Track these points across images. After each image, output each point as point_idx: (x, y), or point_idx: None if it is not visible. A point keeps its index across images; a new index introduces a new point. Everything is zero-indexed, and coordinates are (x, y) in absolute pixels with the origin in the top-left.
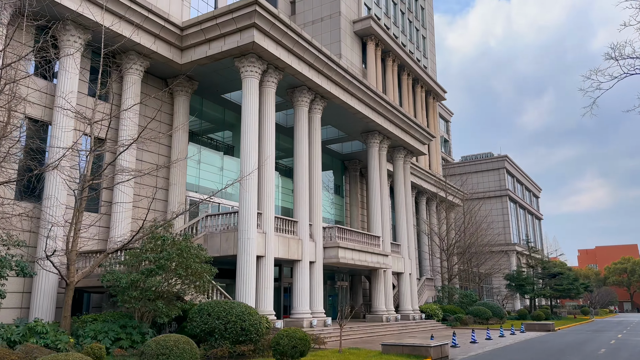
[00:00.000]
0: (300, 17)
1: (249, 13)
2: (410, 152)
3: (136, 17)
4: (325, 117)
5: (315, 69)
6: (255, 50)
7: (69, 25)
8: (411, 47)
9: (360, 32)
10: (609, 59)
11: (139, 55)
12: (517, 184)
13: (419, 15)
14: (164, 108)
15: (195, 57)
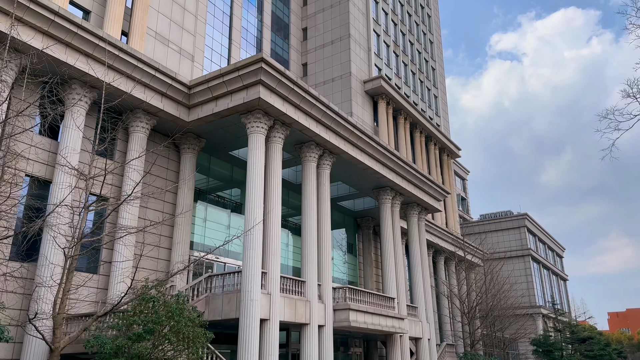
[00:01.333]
0: (312, 78)
1: (255, 70)
2: (424, 208)
3: (143, 75)
4: (334, 173)
5: (323, 124)
6: (261, 106)
7: (74, 83)
8: (423, 106)
9: (371, 91)
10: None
11: (146, 113)
12: (539, 243)
13: (430, 76)
14: (170, 165)
15: (202, 114)
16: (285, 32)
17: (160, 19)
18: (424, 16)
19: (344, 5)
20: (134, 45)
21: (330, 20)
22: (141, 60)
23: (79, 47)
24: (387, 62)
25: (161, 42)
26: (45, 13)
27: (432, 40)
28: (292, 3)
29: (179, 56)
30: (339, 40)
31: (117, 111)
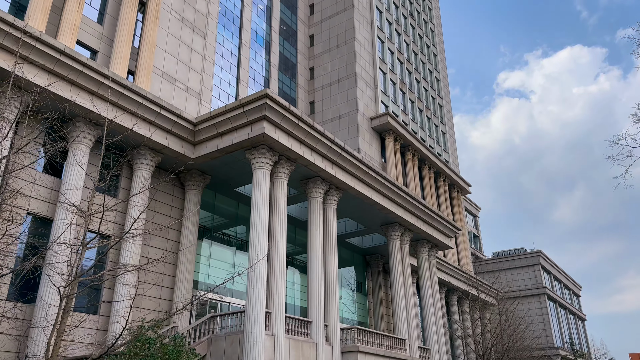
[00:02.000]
0: (319, 116)
1: (260, 106)
2: (435, 245)
3: (148, 113)
4: (341, 209)
5: (329, 159)
6: (266, 141)
7: (79, 121)
8: (431, 142)
9: (378, 127)
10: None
11: (150, 150)
12: (554, 282)
13: (437, 113)
14: (175, 203)
15: (207, 150)
16: (292, 71)
17: (168, 59)
18: (430, 55)
19: (350, 45)
20: (140, 84)
21: (337, 60)
22: (146, 97)
23: (84, 85)
24: (394, 99)
25: (168, 80)
26: (51, 52)
27: (439, 78)
28: (299, 44)
29: (186, 94)
30: (346, 78)
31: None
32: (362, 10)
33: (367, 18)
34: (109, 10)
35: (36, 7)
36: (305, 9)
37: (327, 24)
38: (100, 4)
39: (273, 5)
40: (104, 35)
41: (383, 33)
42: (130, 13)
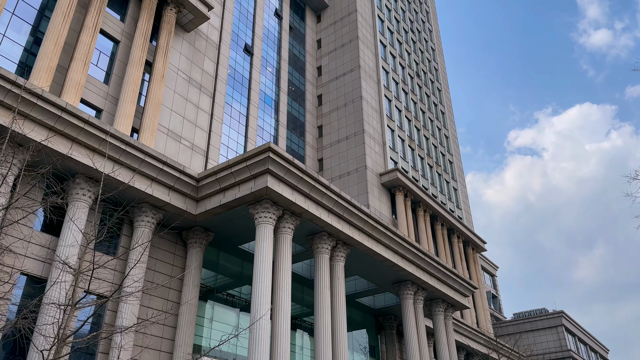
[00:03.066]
0: (327, 173)
1: (263, 160)
2: (450, 305)
3: (150, 169)
4: (350, 267)
5: (335, 213)
6: (269, 195)
7: (79, 177)
8: (442, 198)
9: (387, 183)
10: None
11: (152, 207)
12: (579, 344)
13: (448, 169)
14: (176, 261)
15: (210, 206)
16: (301, 130)
17: (174, 117)
18: (438, 113)
19: (357, 103)
20: (144, 141)
21: (345, 117)
22: (148, 153)
23: (85, 141)
24: (403, 155)
25: (173, 138)
26: (52, 109)
27: (448, 135)
28: (307, 103)
29: (191, 151)
30: (354, 135)
31: (122, 205)
32: (369, 71)
33: (374, 78)
34: (115, 71)
35: (41, 67)
36: (313, 71)
37: (335, 84)
38: (108, 65)
39: (281, 67)
40: (109, 94)
41: (390, 92)
42: (136, 73)
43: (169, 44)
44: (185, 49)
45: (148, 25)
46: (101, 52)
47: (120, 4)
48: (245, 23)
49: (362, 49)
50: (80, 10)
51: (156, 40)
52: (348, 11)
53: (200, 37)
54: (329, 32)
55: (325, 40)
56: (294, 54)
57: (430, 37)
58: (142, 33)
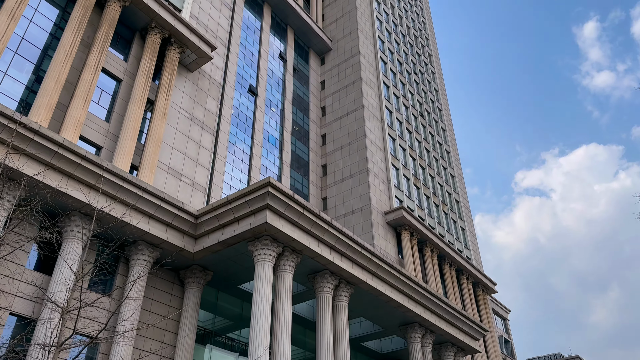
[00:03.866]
0: (332, 211)
1: (262, 195)
2: (461, 349)
3: (148, 206)
4: (354, 308)
5: (337, 251)
6: (269, 231)
7: (74, 215)
8: (450, 238)
9: (393, 222)
10: None
11: (148, 245)
12: None
13: (455, 208)
14: (172, 302)
15: (208, 243)
16: (304, 169)
17: (174, 154)
18: (443, 152)
19: (361, 142)
20: (143, 178)
21: (349, 156)
22: (146, 190)
23: (81, 177)
24: (408, 194)
25: (173, 175)
26: (49, 145)
27: (453, 174)
28: (311, 143)
29: (192, 189)
30: (358, 174)
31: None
32: (372, 111)
33: (377, 117)
34: (116, 109)
35: (40, 104)
36: (317, 111)
37: (339, 124)
38: (109, 103)
39: (286, 108)
40: (110, 132)
41: (394, 131)
42: (137, 110)
43: (172, 83)
44: (188, 88)
45: (151, 64)
46: (103, 91)
47: (123, 44)
48: (250, 65)
49: (365, 89)
50: (83, 50)
51: (159, 79)
52: (351, 54)
53: (203, 77)
54: (333, 73)
55: (329, 82)
56: (298, 95)
57: (433, 79)
58: (145, 72)
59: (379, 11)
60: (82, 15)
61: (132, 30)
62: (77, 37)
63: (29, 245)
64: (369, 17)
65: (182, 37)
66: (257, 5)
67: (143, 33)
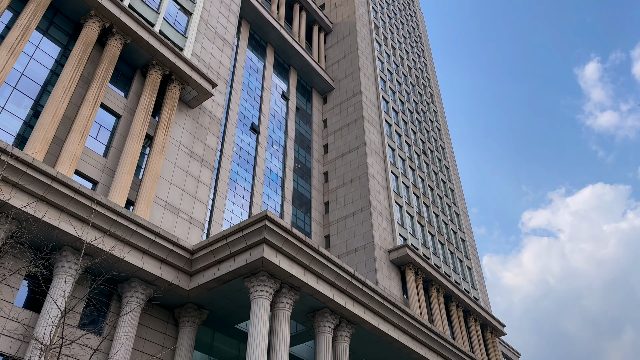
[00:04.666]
0: (334, 250)
1: (259, 229)
2: None
3: (142, 241)
4: (356, 349)
5: (338, 288)
6: (265, 267)
7: (66, 249)
8: (457, 278)
9: (397, 260)
10: None
11: (142, 282)
12: None
13: (461, 247)
14: (166, 342)
15: (204, 280)
16: (307, 206)
17: (172, 190)
18: (447, 190)
19: (363, 179)
20: (139, 213)
21: (351, 193)
22: (140, 224)
23: (74, 212)
24: (413, 232)
25: (171, 211)
26: (42, 178)
27: (458, 212)
28: (313, 180)
29: (189, 225)
30: (360, 211)
31: (111, 279)
32: (374, 148)
33: (380, 155)
34: (114, 144)
35: (37, 138)
36: (320, 149)
37: (341, 161)
38: (108, 138)
39: (288, 145)
40: (107, 167)
41: (396, 168)
42: (135, 145)
43: (171, 119)
44: (189, 124)
45: (150, 100)
46: (102, 126)
47: (124, 81)
48: (252, 104)
49: (368, 127)
50: (83, 86)
51: (158, 115)
52: (353, 92)
53: (204, 113)
54: (335, 112)
55: (332, 120)
56: (300, 133)
57: (436, 118)
58: (144, 107)
59: (380, 52)
60: (83, 52)
61: (132, 68)
62: (77, 72)
63: (17, 281)
64: (370, 58)
65: (182, 74)
66: (260, 47)
67: (144, 70)
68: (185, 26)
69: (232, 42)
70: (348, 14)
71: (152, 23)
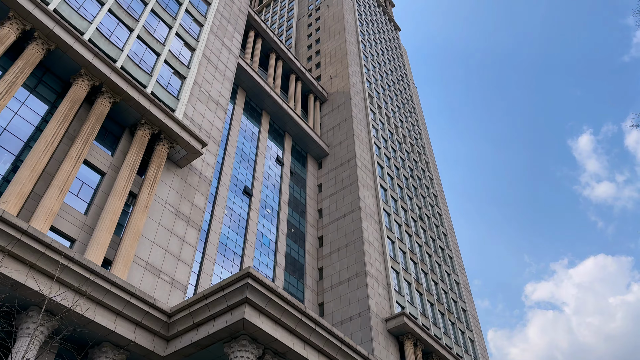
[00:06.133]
0: (329, 318)
1: (241, 287)
2: None
3: (116, 301)
4: None
5: (327, 355)
6: (247, 330)
7: (32, 310)
8: (458, 350)
9: (394, 330)
10: None
11: (114, 347)
12: None
13: (462, 317)
14: None
15: (180, 346)
16: (300, 272)
17: (155, 250)
18: (445, 257)
19: (358, 243)
20: (117, 273)
21: (346, 259)
22: (115, 283)
23: (44, 268)
24: (411, 300)
25: (151, 272)
26: (9, 230)
27: (458, 280)
28: (307, 245)
29: (170, 287)
30: (356, 276)
31: (81, 343)
32: (370, 212)
33: (375, 219)
34: (96, 202)
35: (12, 192)
36: (314, 213)
37: (336, 225)
38: (91, 196)
39: (281, 209)
40: (86, 224)
41: (392, 233)
42: (116, 202)
43: (158, 177)
44: (176, 183)
45: (137, 158)
46: (85, 183)
47: (112, 139)
48: (246, 167)
49: (362, 191)
50: (67, 142)
51: (145, 173)
52: (348, 157)
53: (193, 173)
54: (330, 176)
55: (326, 184)
56: (294, 197)
57: (432, 184)
58: (129, 165)
59: (374, 120)
60: (69, 109)
61: (121, 127)
62: (61, 129)
63: None
64: (365, 125)
65: (172, 132)
66: (256, 114)
67: (132, 129)
68: (178, 89)
69: (226, 105)
70: (343, 85)
71: (144, 85)
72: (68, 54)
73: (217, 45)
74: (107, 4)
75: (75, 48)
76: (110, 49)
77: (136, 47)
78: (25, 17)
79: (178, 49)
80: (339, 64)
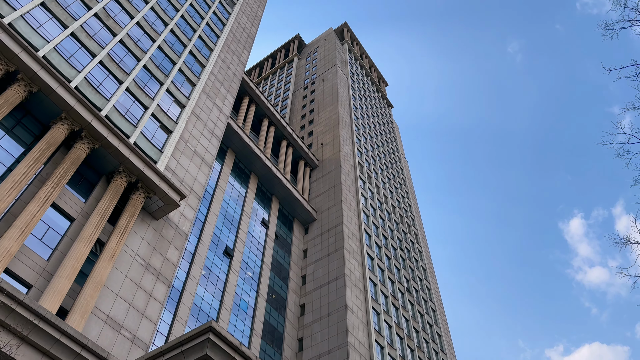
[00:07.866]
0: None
1: (201, 343)
2: None
3: (64, 353)
4: None
5: None
6: None
7: None
8: None
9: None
10: None
11: None
12: None
13: None
14: None
15: None
16: (278, 342)
17: (118, 303)
18: (434, 335)
19: (341, 312)
20: (72, 324)
21: (328, 329)
22: (65, 333)
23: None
24: (390, 341)
25: (111, 326)
26: None
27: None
28: (288, 312)
29: (131, 344)
30: (337, 349)
31: None
32: (355, 280)
33: (360, 288)
34: (60, 247)
35: None
36: (298, 279)
37: (319, 293)
38: (57, 242)
39: (263, 273)
40: (47, 270)
41: (378, 304)
42: (81, 249)
43: (129, 226)
44: (150, 234)
45: (110, 205)
46: (51, 228)
47: (87, 186)
48: (229, 227)
49: (348, 258)
50: (38, 185)
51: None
52: (335, 223)
53: (169, 226)
54: (316, 242)
55: (312, 250)
56: (278, 261)
57: (421, 257)
58: (101, 211)
59: (364, 189)
60: (44, 151)
61: (99, 174)
62: (32, 169)
63: None
64: (353, 192)
65: (149, 182)
66: (244, 175)
67: (110, 177)
68: (163, 142)
69: (211, 161)
70: (334, 152)
71: (127, 135)
72: (50, 98)
73: (208, 104)
74: (99, 56)
75: (59, 92)
76: (96, 98)
77: (124, 99)
78: (11, 59)
79: (167, 105)
80: (331, 132)
